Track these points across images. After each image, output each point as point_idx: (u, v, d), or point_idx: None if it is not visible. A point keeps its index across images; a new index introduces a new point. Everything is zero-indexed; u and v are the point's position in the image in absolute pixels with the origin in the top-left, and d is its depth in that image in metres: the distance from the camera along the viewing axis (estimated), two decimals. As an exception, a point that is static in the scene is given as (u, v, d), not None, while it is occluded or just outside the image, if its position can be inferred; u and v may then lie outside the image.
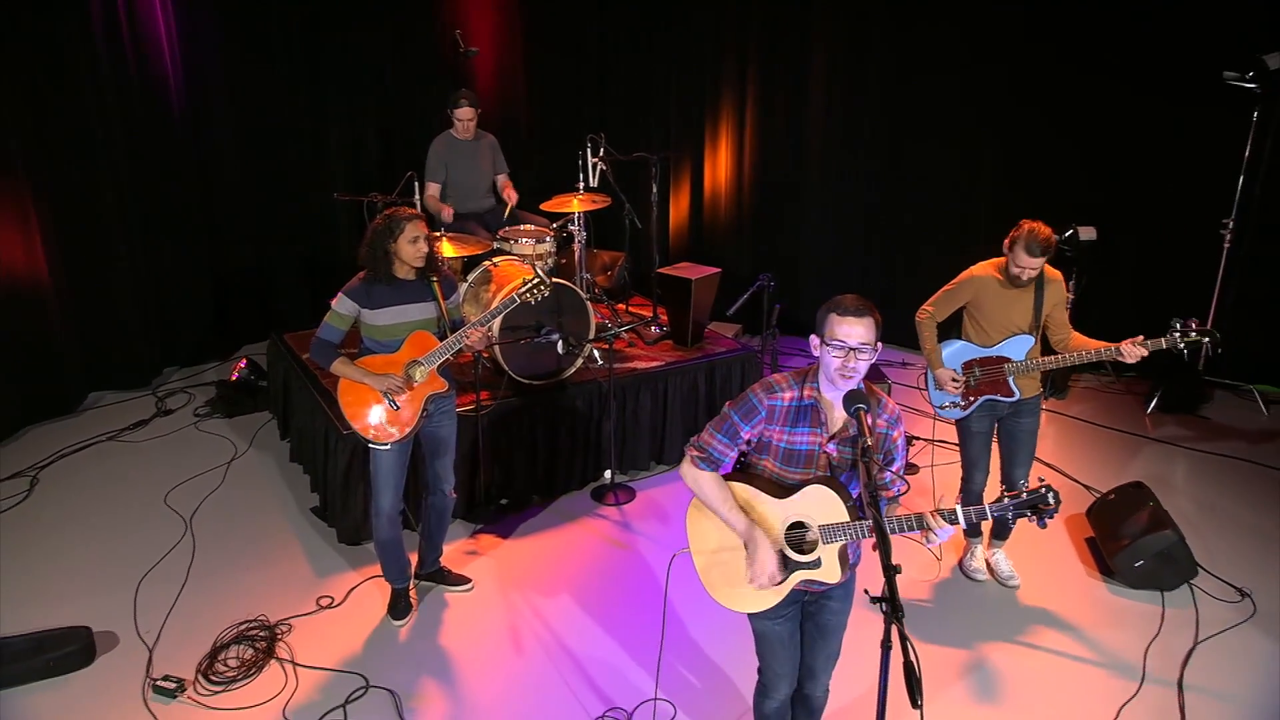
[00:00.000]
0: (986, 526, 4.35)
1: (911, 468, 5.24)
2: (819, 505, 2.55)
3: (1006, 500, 2.49)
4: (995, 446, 4.16)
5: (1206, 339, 3.71)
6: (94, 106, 5.69)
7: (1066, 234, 5.62)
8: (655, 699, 3.52)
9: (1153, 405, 5.99)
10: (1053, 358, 3.93)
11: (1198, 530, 4.60)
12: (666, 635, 3.82)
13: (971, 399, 4.01)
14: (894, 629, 2.12)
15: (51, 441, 5.45)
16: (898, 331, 6.87)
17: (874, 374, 5.96)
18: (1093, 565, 4.42)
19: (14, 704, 3.46)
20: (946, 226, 6.66)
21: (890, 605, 2.16)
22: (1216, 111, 5.64)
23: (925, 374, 4.12)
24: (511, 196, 5.80)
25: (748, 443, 2.66)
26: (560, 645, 3.86)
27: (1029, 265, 3.78)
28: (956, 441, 4.23)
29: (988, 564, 4.35)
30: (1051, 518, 2.47)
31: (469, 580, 4.24)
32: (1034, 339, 3.94)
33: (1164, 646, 3.85)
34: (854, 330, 2.47)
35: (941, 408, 4.08)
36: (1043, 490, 2.45)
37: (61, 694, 3.52)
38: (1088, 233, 5.73)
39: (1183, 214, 5.95)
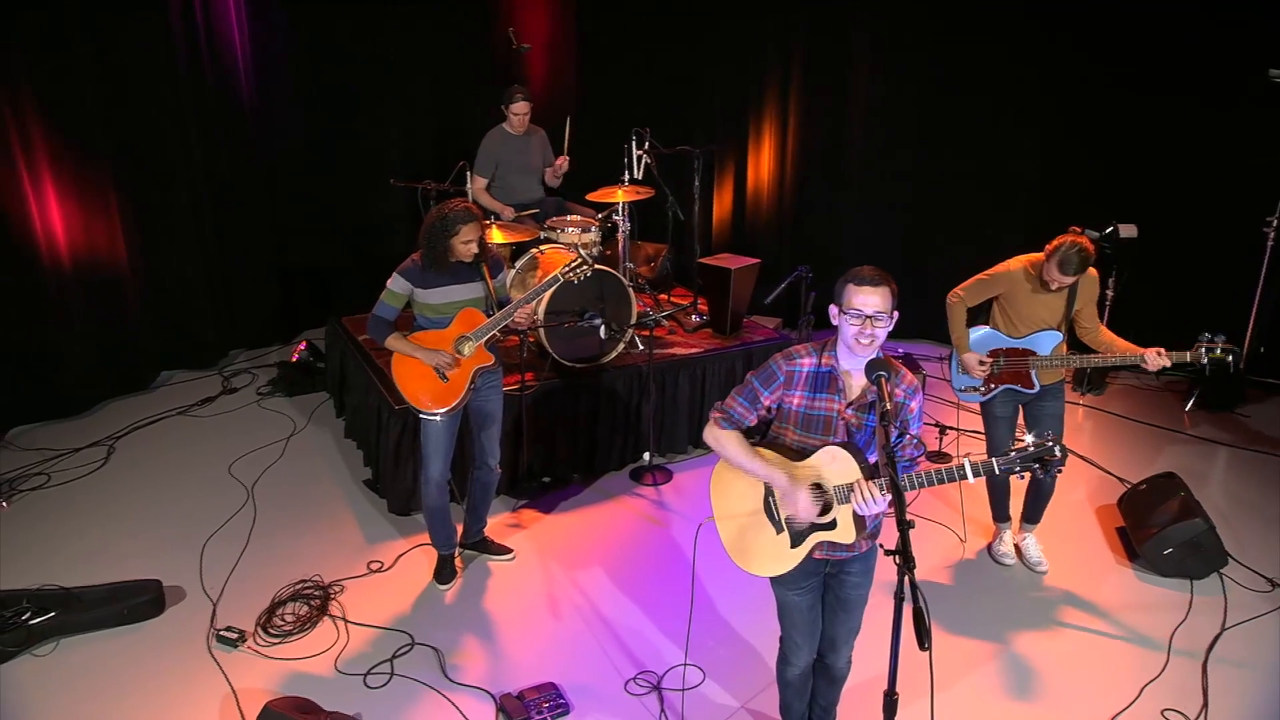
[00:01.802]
0: (1015, 512, 4.40)
1: (944, 456, 5.31)
2: (834, 466, 2.66)
3: (1013, 454, 2.55)
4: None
5: (1230, 356, 3.70)
6: (171, 104, 5.97)
7: (1107, 231, 5.61)
8: (685, 664, 3.64)
9: (1191, 403, 5.96)
10: (1077, 357, 3.98)
11: (1229, 521, 4.60)
12: (696, 607, 3.94)
13: (993, 386, 4.07)
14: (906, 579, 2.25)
15: (127, 414, 5.75)
16: (932, 326, 6.96)
17: (911, 366, 6.03)
18: (1122, 553, 4.45)
19: (92, 646, 3.74)
20: (981, 223, 6.66)
21: (902, 557, 2.28)
22: (1260, 109, 5.58)
23: (950, 355, 4.17)
24: (561, 164, 5.93)
25: (768, 409, 2.77)
26: (596, 612, 4.02)
27: (1061, 280, 3.82)
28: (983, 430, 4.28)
29: (1016, 549, 4.39)
30: (1059, 469, 2.51)
31: (511, 550, 4.41)
32: (1062, 335, 3.98)
33: (1190, 631, 3.88)
34: (870, 299, 2.57)
35: (962, 390, 4.15)
36: (1048, 443, 2.50)
37: (134, 639, 3.79)
38: (1128, 230, 5.70)
39: (1225, 212, 5.88)
